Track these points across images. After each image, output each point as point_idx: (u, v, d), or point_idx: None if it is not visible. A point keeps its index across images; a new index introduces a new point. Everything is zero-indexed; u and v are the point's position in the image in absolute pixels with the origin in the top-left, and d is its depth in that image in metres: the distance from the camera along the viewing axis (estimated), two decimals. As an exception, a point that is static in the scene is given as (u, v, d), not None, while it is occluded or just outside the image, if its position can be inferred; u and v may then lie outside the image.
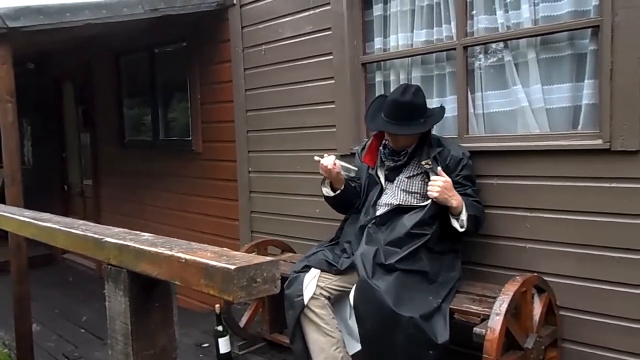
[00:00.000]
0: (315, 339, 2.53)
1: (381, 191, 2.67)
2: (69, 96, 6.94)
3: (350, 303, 2.39)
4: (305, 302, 2.52)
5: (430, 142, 2.61)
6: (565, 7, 2.51)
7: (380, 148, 2.73)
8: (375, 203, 2.65)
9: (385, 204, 2.63)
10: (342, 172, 2.65)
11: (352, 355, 2.60)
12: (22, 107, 3.34)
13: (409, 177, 2.62)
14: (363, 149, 2.83)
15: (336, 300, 2.65)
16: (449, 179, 2.43)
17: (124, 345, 0.92)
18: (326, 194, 2.75)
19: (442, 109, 2.70)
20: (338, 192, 2.70)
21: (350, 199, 2.75)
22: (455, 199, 2.40)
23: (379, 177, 2.69)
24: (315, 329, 2.53)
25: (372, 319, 2.26)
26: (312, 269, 2.60)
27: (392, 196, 2.63)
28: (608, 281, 2.39)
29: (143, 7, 3.64)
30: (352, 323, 2.59)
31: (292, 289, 2.57)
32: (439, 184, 2.39)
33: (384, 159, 2.71)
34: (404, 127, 2.54)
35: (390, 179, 2.67)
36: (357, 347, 2.50)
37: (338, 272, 2.59)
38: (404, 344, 2.21)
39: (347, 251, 2.63)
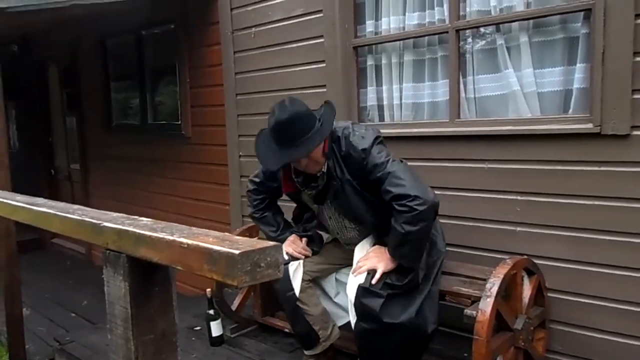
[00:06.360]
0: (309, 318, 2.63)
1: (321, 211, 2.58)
2: (54, 79, 6.83)
3: (348, 297, 2.41)
4: (297, 294, 2.56)
5: (339, 147, 2.32)
6: (557, -10, 2.51)
7: (293, 177, 2.48)
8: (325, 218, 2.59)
9: (336, 221, 2.56)
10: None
11: (341, 327, 2.71)
12: (6, 90, 3.27)
13: (337, 198, 2.40)
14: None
15: (320, 278, 2.70)
16: (365, 259, 2.36)
17: (123, 330, 0.92)
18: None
19: (330, 107, 2.39)
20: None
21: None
22: (386, 261, 2.29)
23: (308, 203, 2.59)
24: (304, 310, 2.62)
25: (371, 328, 2.28)
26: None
27: (338, 221, 2.55)
28: (597, 263, 2.44)
29: (130, -12, 3.57)
30: (339, 300, 2.71)
31: (280, 285, 2.58)
32: (364, 268, 2.32)
33: (302, 189, 2.49)
34: (299, 147, 2.23)
35: (320, 202, 2.52)
36: (345, 319, 2.63)
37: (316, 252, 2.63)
38: (400, 340, 2.27)
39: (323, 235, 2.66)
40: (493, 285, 2.18)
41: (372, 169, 2.25)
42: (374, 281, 2.25)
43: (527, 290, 2.43)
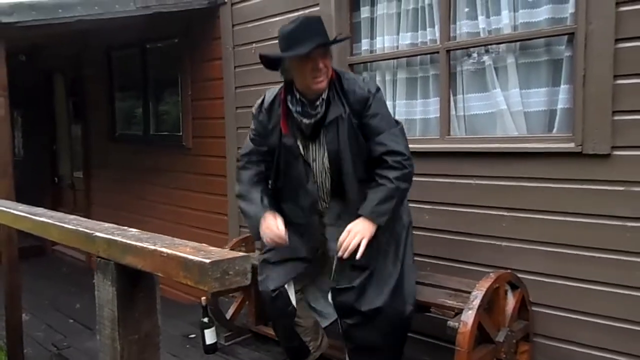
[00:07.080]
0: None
1: (307, 164, 2.40)
2: (59, 88, 6.97)
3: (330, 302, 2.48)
4: (295, 307, 2.55)
5: (341, 84, 2.30)
6: (543, 14, 2.61)
7: (290, 106, 2.33)
8: (308, 180, 2.40)
9: (320, 165, 2.39)
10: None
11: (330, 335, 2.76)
12: (12, 98, 3.38)
13: (330, 129, 2.30)
14: (262, 106, 2.47)
15: (304, 285, 2.73)
16: (347, 238, 2.22)
17: (111, 331, 1.00)
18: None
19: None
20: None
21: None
22: (368, 230, 2.21)
23: (298, 149, 2.38)
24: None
25: (354, 323, 2.35)
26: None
27: (320, 166, 2.39)
28: (579, 279, 2.50)
29: (135, 4, 3.69)
30: (321, 305, 2.75)
31: (279, 304, 2.50)
32: (353, 244, 2.20)
33: (300, 119, 2.32)
34: (309, 43, 2.16)
35: (312, 139, 2.37)
36: (326, 322, 2.74)
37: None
38: (383, 327, 2.32)
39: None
40: (475, 297, 2.25)
41: (373, 114, 2.27)
42: (358, 255, 2.17)
43: (510, 303, 2.50)
